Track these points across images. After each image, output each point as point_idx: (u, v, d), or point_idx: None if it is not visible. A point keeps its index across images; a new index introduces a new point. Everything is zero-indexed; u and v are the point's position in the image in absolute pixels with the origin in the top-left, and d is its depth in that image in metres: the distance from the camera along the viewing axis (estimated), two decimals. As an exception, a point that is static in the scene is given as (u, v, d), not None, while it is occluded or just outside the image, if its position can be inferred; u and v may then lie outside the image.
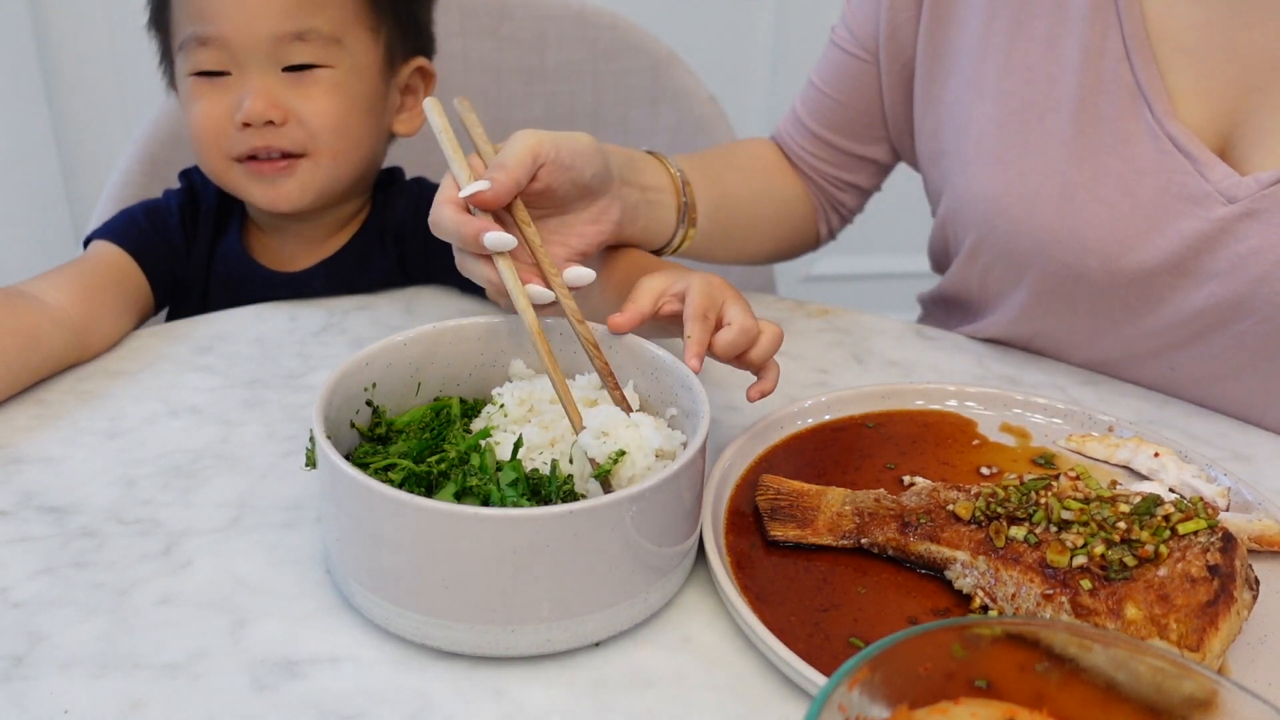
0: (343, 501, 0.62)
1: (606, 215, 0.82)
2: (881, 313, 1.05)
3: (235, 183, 1.00)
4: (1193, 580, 0.60)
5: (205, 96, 0.97)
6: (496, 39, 1.35)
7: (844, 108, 1.05)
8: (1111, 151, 0.88)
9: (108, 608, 0.65)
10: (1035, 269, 0.93)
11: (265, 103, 0.95)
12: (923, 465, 0.79)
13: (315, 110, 0.97)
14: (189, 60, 0.97)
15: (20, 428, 0.81)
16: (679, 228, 0.92)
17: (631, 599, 0.63)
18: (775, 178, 1.08)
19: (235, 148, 0.97)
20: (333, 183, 1.00)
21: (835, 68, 1.06)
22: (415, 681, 0.61)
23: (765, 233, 1.07)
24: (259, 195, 0.99)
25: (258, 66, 0.95)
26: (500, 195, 0.74)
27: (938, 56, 0.98)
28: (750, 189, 1.04)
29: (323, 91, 0.97)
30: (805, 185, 1.10)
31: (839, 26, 1.06)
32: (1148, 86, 0.87)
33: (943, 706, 0.48)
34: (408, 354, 0.74)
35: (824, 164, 1.08)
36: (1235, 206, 0.84)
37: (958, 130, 0.96)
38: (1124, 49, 0.87)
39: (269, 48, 0.95)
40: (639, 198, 0.87)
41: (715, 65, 1.89)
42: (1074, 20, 0.89)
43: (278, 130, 0.96)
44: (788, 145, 1.10)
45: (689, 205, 0.92)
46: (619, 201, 0.83)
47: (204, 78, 0.97)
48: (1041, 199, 0.91)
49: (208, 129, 0.97)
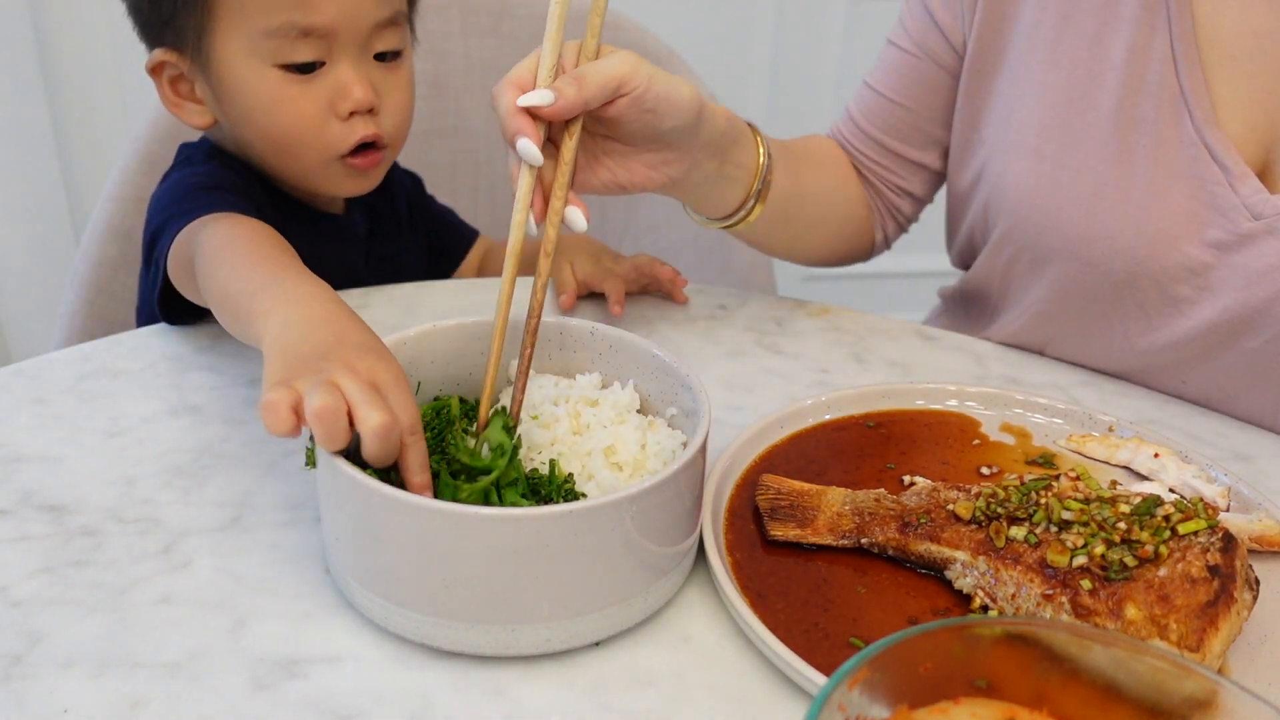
0: (343, 501, 0.62)
1: (666, 167, 0.82)
2: (882, 312, 1.05)
3: (326, 179, 0.96)
4: (1193, 580, 0.60)
5: (301, 94, 0.92)
6: (497, 38, 1.35)
7: (902, 110, 1.04)
8: (1147, 154, 0.88)
9: (107, 607, 0.65)
10: (1059, 265, 0.93)
11: (369, 90, 0.92)
12: (923, 465, 0.79)
13: (399, 102, 0.96)
14: (281, 52, 0.90)
15: (20, 427, 0.81)
16: (742, 208, 0.92)
17: (631, 599, 0.63)
18: (842, 177, 1.07)
19: (341, 144, 0.93)
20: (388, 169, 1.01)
21: (892, 69, 1.05)
22: (415, 681, 0.61)
23: (826, 231, 1.06)
24: (345, 188, 0.97)
25: (354, 55, 0.92)
26: (559, 113, 0.72)
27: (988, 48, 0.97)
28: (821, 186, 1.04)
29: (405, 81, 0.97)
30: (864, 189, 1.09)
31: (896, 28, 1.06)
32: (1191, 92, 0.86)
33: (943, 706, 0.48)
34: (408, 354, 0.74)
35: (880, 168, 1.07)
36: (1259, 223, 0.83)
37: (1000, 120, 0.96)
38: (1171, 52, 0.87)
39: (368, 35, 0.92)
40: (715, 170, 0.86)
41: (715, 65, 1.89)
42: (1123, 19, 0.89)
43: (375, 119, 0.94)
44: (846, 148, 1.09)
45: (762, 191, 0.91)
46: (688, 162, 0.82)
47: (293, 71, 0.91)
48: (1073, 195, 0.91)
49: (310, 128, 0.92)
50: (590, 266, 1.01)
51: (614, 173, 0.81)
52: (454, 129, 1.38)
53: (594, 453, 0.68)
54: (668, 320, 1.01)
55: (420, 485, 0.62)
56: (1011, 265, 0.98)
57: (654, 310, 1.02)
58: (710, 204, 0.91)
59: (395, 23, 0.94)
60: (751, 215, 0.92)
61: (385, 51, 0.95)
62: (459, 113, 1.37)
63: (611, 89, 0.74)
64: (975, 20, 0.97)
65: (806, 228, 1.03)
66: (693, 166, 0.83)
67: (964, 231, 1.05)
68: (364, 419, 0.59)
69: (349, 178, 0.97)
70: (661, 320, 1.01)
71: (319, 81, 0.92)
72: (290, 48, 0.90)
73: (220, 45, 0.92)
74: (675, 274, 1.02)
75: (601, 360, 0.77)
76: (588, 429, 0.71)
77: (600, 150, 0.80)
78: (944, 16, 1.00)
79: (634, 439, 0.69)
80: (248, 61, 0.91)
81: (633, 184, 0.81)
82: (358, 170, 0.96)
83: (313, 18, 0.89)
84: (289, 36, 0.89)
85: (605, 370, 0.76)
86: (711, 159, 0.85)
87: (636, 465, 0.68)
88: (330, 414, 0.58)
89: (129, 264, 1.21)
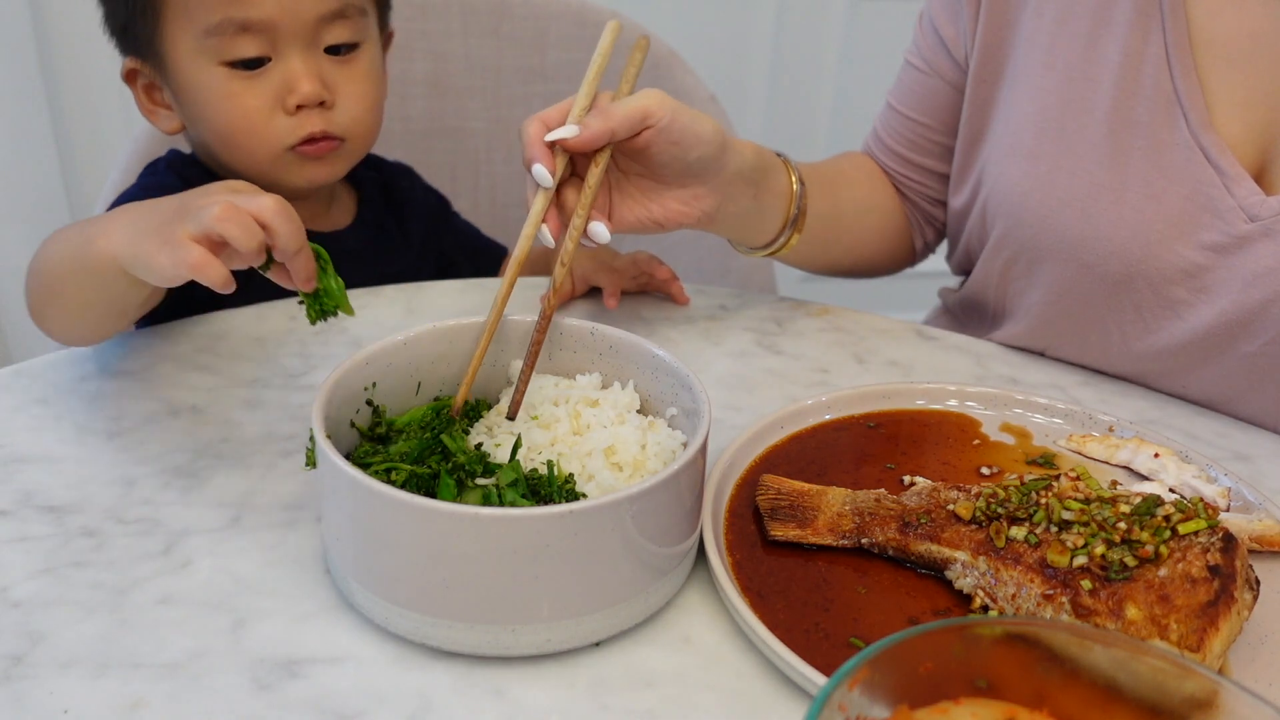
0: (343, 501, 0.62)
1: (699, 203, 0.84)
2: (882, 312, 1.05)
3: (281, 171, 0.96)
4: (1193, 580, 0.60)
5: (246, 90, 0.92)
6: (497, 38, 1.35)
7: (919, 126, 1.06)
8: (1143, 157, 0.88)
9: (108, 607, 0.65)
10: (1055, 267, 0.93)
11: (318, 84, 0.92)
12: (923, 465, 0.79)
13: (356, 94, 0.96)
14: (222, 49, 0.90)
15: (20, 428, 0.81)
16: (782, 234, 0.94)
17: (631, 599, 0.63)
18: (878, 191, 1.09)
19: (289, 136, 0.93)
20: (357, 160, 1.00)
21: (908, 87, 1.07)
22: (415, 681, 0.61)
23: (868, 246, 1.08)
24: (303, 178, 0.97)
25: (301, 49, 0.91)
26: (582, 145, 0.77)
27: (991, 57, 0.98)
28: (857, 203, 1.06)
29: (362, 74, 0.96)
30: (900, 199, 1.10)
31: (911, 46, 1.07)
32: (1186, 95, 0.86)
33: (943, 706, 0.48)
34: (408, 354, 0.74)
35: (911, 181, 1.09)
36: (1255, 225, 0.83)
37: (999, 123, 0.97)
38: (1165, 55, 0.87)
39: (313, 28, 0.92)
40: (750, 202, 0.88)
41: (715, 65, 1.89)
42: (1117, 22, 0.89)
43: (327, 114, 0.94)
44: (878, 160, 1.11)
45: (799, 215, 0.93)
46: (721, 196, 0.85)
47: (239, 68, 0.91)
48: (1069, 198, 0.91)
49: (256, 121, 0.92)
50: (588, 261, 1.02)
51: (649, 210, 0.84)
52: (454, 129, 1.38)
53: (594, 453, 0.68)
54: (668, 320, 1.01)
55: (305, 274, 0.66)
56: (1009, 268, 0.98)
57: (654, 310, 1.02)
58: (750, 235, 0.93)
59: (344, 15, 0.93)
60: (792, 241, 0.94)
61: (339, 44, 0.94)
62: (459, 113, 1.37)
63: (637, 120, 0.78)
64: (978, 33, 0.98)
65: (848, 246, 1.06)
66: (726, 200, 0.86)
67: (963, 239, 1.06)
68: (256, 205, 0.63)
69: (304, 167, 0.96)
70: (661, 320, 1.01)
71: (265, 77, 0.92)
72: (231, 44, 0.90)
73: (170, 47, 0.93)
74: (672, 275, 1.02)
75: (601, 360, 0.77)
76: (588, 429, 0.71)
77: (635, 189, 0.84)
78: (948, 31, 1.01)
79: (634, 439, 0.69)
80: (195, 61, 0.92)
81: (668, 220, 0.84)
82: (309, 158, 0.96)
83: (249, 12, 0.89)
84: (228, 33, 0.90)
85: (605, 370, 0.77)
86: (744, 191, 0.87)
87: (636, 465, 0.68)
88: (231, 211, 0.62)
89: (129, 264, 1.21)
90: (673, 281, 1.02)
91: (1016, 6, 0.95)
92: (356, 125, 0.97)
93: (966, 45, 1.00)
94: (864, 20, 2.23)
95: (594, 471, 0.67)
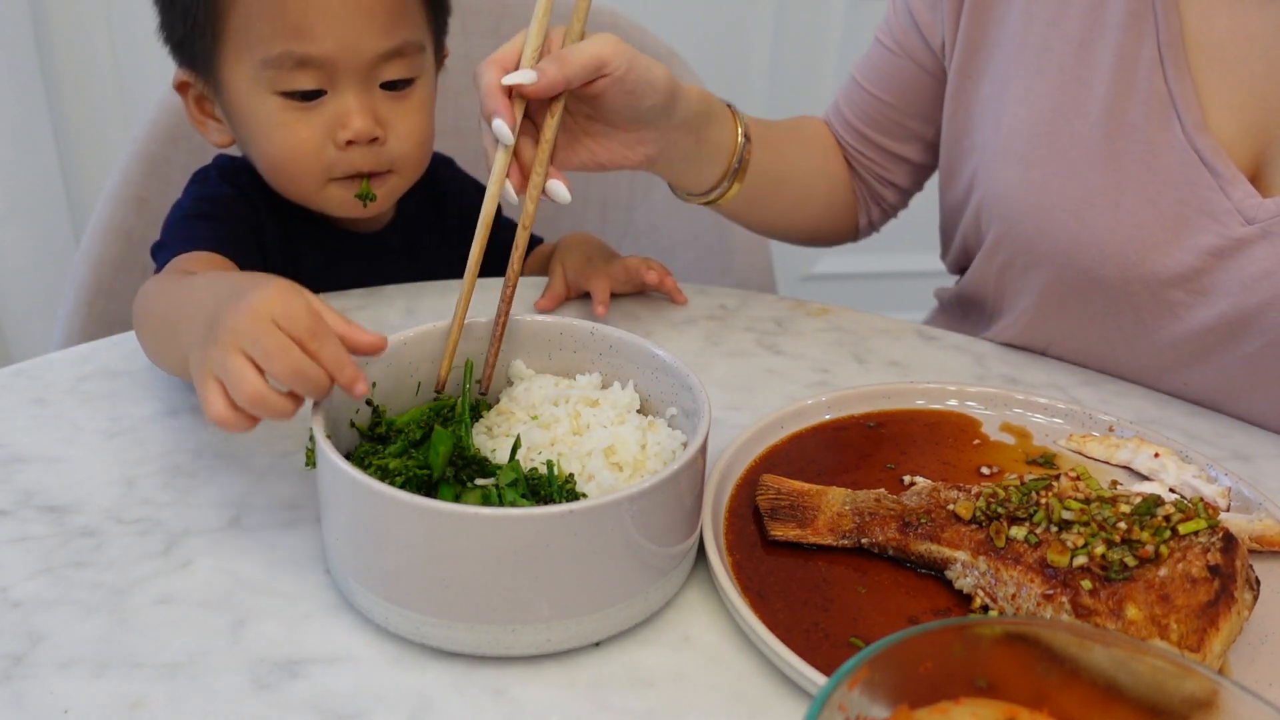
0: (343, 501, 0.62)
1: (643, 146, 0.84)
2: (882, 312, 1.05)
3: (325, 201, 0.96)
4: (1193, 580, 0.60)
5: (299, 120, 0.92)
6: (497, 39, 1.34)
7: (882, 104, 1.06)
8: (1137, 160, 0.88)
9: (107, 607, 0.65)
10: (1051, 271, 0.93)
11: (371, 121, 0.92)
12: (923, 465, 0.79)
13: (410, 129, 0.95)
14: (280, 80, 0.90)
15: (20, 428, 0.81)
16: (720, 184, 0.94)
17: (631, 599, 0.63)
18: (829, 160, 1.09)
19: (337, 168, 0.93)
20: (402, 192, 1.00)
21: (875, 65, 1.07)
22: (415, 681, 0.61)
23: (809, 210, 1.08)
24: (349, 210, 0.97)
25: (357, 84, 0.92)
26: (541, 91, 0.76)
27: (974, 51, 0.98)
28: (805, 165, 1.06)
29: (416, 108, 0.96)
30: (850, 174, 1.11)
31: (883, 25, 1.07)
32: (1180, 97, 0.86)
33: (943, 706, 0.48)
34: (408, 354, 0.74)
35: (864, 158, 1.09)
36: (1252, 227, 0.83)
37: (990, 127, 0.97)
38: (1159, 57, 0.86)
39: (371, 65, 0.91)
40: (691, 148, 0.88)
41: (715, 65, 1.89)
42: (1110, 25, 0.89)
43: (378, 150, 0.94)
44: (835, 132, 1.11)
45: (740, 168, 0.93)
46: (664, 141, 0.85)
47: (294, 99, 0.91)
48: (1063, 201, 0.91)
49: (305, 153, 0.93)
50: (580, 265, 1.02)
51: (593, 152, 0.84)
52: (454, 129, 1.37)
53: (594, 453, 0.68)
54: (667, 320, 1.01)
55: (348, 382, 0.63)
56: (1005, 271, 0.98)
57: (652, 311, 1.02)
58: (689, 180, 0.93)
59: (403, 53, 0.93)
60: (731, 192, 0.95)
61: (395, 80, 0.94)
62: (459, 113, 1.37)
63: (593, 69, 0.77)
64: (961, 23, 0.98)
65: (789, 206, 1.06)
66: (668, 145, 0.86)
67: (958, 238, 1.05)
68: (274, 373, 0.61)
69: (347, 201, 0.96)
70: (661, 320, 1.01)
71: (320, 110, 0.92)
72: (289, 77, 0.90)
73: (227, 70, 0.93)
74: (664, 276, 1.02)
75: (601, 360, 0.77)
76: (588, 429, 0.71)
77: (580, 130, 0.83)
78: (924, 16, 1.01)
79: (634, 439, 0.69)
80: (251, 88, 0.92)
81: (611, 162, 0.84)
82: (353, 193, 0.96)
83: (310, 48, 0.89)
84: (287, 66, 0.90)
85: (605, 370, 0.77)
86: (687, 137, 0.87)
87: (636, 465, 0.68)
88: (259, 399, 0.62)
89: (129, 264, 1.21)
90: (665, 281, 1.02)
91: (1002, 3, 0.95)
92: (407, 159, 0.97)
93: (944, 34, 0.99)
94: (864, 20, 2.23)
95: (594, 471, 0.67)
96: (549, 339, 0.78)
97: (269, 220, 1.01)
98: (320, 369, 0.62)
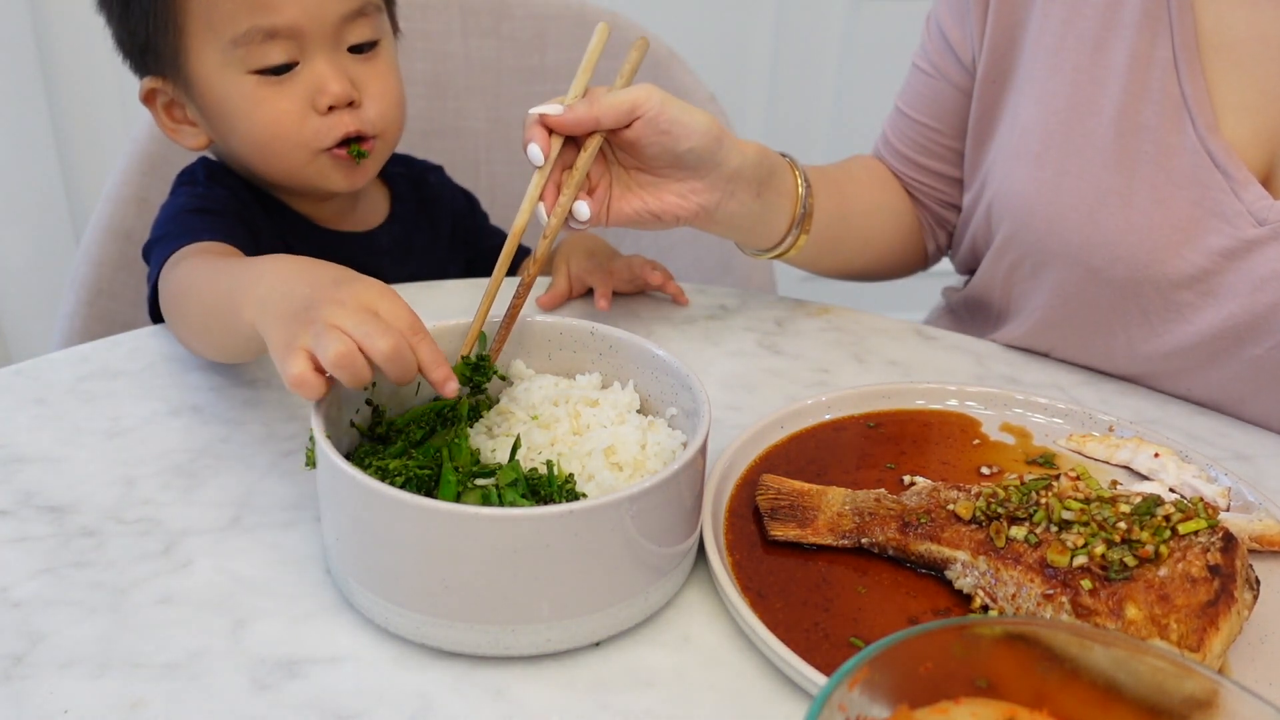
0: (343, 501, 0.62)
1: (696, 197, 0.86)
2: (882, 312, 1.05)
3: (316, 174, 0.96)
4: (1193, 580, 0.60)
5: (277, 94, 0.92)
6: (497, 39, 1.35)
7: (927, 130, 1.06)
8: (1150, 161, 0.88)
9: (107, 607, 0.65)
10: (1061, 270, 0.93)
11: (346, 83, 0.93)
12: (923, 465, 0.79)
13: (383, 89, 0.96)
14: (250, 57, 0.91)
15: (20, 428, 0.81)
16: (788, 235, 0.94)
17: (631, 599, 0.63)
18: (889, 193, 1.09)
19: (323, 138, 0.94)
20: (386, 158, 1.01)
21: (915, 90, 1.07)
22: (415, 681, 0.61)
23: (877, 248, 1.08)
24: (340, 181, 0.97)
25: (326, 50, 0.92)
26: (565, 125, 0.81)
27: (999, 63, 0.98)
28: (867, 203, 1.06)
29: (385, 69, 0.97)
30: (911, 201, 1.10)
31: (918, 50, 1.07)
32: (1193, 99, 0.86)
33: (943, 706, 0.48)
34: (408, 354, 0.74)
35: (920, 184, 1.09)
36: (1263, 229, 0.83)
37: (1005, 125, 0.97)
38: (1173, 59, 0.86)
39: (337, 29, 0.92)
40: (752, 201, 0.89)
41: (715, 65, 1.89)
42: (1125, 25, 0.89)
43: (357, 113, 0.95)
44: (888, 164, 1.11)
45: (806, 215, 0.93)
46: (720, 194, 0.86)
47: (267, 75, 0.92)
48: (1075, 202, 0.91)
49: (289, 125, 0.93)
50: (584, 262, 1.03)
51: (646, 202, 0.86)
52: (454, 129, 1.38)
53: (594, 453, 0.68)
54: (667, 321, 1.01)
55: (440, 380, 0.65)
56: (1014, 271, 0.98)
57: (652, 311, 1.02)
58: (756, 236, 0.94)
59: (364, 13, 0.94)
60: (800, 242, 0.94)
61: (360, 43, 0.95)
62: (459, 113, 1.37)
63: (625, 110, 0.80)
64: (986, 36, 0.98)
65: (858, 245, 1.06)
66: (725, 197, 0.86)
67: (967, 237, 1.05)
68: (373, 349, 0.62)
69: (338, 171, 0.97)
70: (661, 321, 1.01)
71: (294, 81, 0.93)
72: (259, 52, 0.91)
73: (196, 62, 0.93)
74: (666, 279, 1.03)
75: (601, 360, 0.77)
76: (588, 429, 0.71)
77: (633, 182, 0.86)
78: (955, 35, 1.01)
79: (634, 439, 0.69)
80: (223, 73, 0.92)
81: (664, 212, 0.86)
82: (344, 161, 0.96)
83: (275, 19, 0.90)
84: (255, 41, 0.90)
85: (605, 370, 0.77)
86: (746, 189, 0.88)
87: (636, 465, 0.68)
88: (347, 358, 0.62)
89: (129, 264, 1.21)
90: (668, 284, 1.02)
91: (1025, 7, 0.95)
92: (384, 121, 0.97)
93: (974, 48, 1.00)
94: (864, 20, 2.23)
95: (594, 471, 0.67)
96: (549, 339, 0.78)
97: (260, 218, 1.02)
98: (414, 359, 0.64)
